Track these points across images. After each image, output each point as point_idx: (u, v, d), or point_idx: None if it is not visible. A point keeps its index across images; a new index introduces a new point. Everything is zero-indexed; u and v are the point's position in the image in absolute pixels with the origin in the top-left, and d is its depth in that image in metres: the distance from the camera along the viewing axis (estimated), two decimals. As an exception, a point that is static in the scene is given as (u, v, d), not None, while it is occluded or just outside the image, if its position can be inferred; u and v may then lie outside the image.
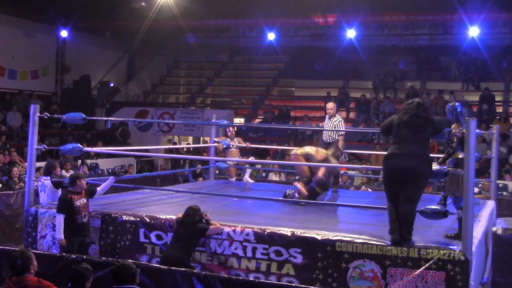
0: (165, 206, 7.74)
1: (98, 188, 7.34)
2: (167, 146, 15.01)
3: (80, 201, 6.80)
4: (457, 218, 5.99)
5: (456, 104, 6.30)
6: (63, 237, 6.70)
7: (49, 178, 7.81)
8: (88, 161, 15.83)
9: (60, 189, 7.57)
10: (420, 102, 5.90)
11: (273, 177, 14.43)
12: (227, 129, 10.47)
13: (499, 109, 18.66)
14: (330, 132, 9.05)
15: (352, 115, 20.07)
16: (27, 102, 17.90)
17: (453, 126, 6.16)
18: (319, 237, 5.99)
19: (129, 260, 5.23)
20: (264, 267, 6.15)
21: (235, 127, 11.09)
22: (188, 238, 6.24)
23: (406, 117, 5.79)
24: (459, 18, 18.19)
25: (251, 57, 24.25)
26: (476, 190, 10.91)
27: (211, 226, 6.30)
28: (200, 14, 20.52)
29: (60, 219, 6.74)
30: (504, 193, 13.39)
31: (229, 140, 10.20)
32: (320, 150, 8.49)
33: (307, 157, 8.21)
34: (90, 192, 7.12)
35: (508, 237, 7.32)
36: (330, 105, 9.23)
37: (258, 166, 15.58)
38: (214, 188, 9.93)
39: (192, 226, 6.24)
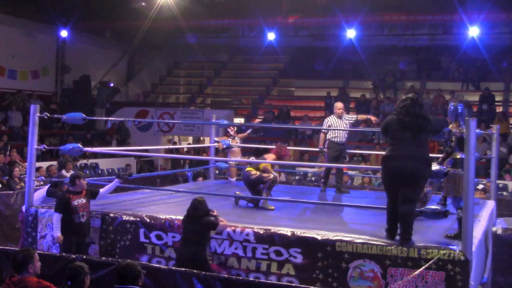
0: (165, 206, 7.74)
1: (101, 190, 7.29)
2: (167, 146, 14.98)
3: (78, 201, 6.78)
4: (457, 218, 5.99)
5: (458, 104, 6.30)
6: (60, 234, 6.70)
7: (48, 185, 7.90)
8: (88, 161, 15.84)
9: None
10: (414, 100, 5.76)
11: (273, 177, 14.35)
12: (228, 129, 10.46)
13: (499, 109, 18.65)
14: (344, 132, 9.04)
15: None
16: (27, 102, 17.89)
17: (451, 125, 6.16)
18: (319, 237, 6.00)
19: (136, 262, 5.20)
20: (264, 267, 6.15)
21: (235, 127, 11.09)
22: (199, 232, 6.11)
23: (404, 118, 5.70)
24: (459, 18, 18.17)
25: (251, 57, 24.22)
26: (480, 186, 10.91)
27: (220, 223, 6.21)
28: (200, 14, 20.52)
29: (57, 218, 6.74)
30: (504, 193, 13.37)
31: (230, 139, 10.19)
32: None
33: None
34: (92, 193, 7.09)
35: (508, 237, 7.33)
36: (340, 105, 9.18)
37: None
38: (214, 188, 9.93)
39: (201, 220, 6.13)
